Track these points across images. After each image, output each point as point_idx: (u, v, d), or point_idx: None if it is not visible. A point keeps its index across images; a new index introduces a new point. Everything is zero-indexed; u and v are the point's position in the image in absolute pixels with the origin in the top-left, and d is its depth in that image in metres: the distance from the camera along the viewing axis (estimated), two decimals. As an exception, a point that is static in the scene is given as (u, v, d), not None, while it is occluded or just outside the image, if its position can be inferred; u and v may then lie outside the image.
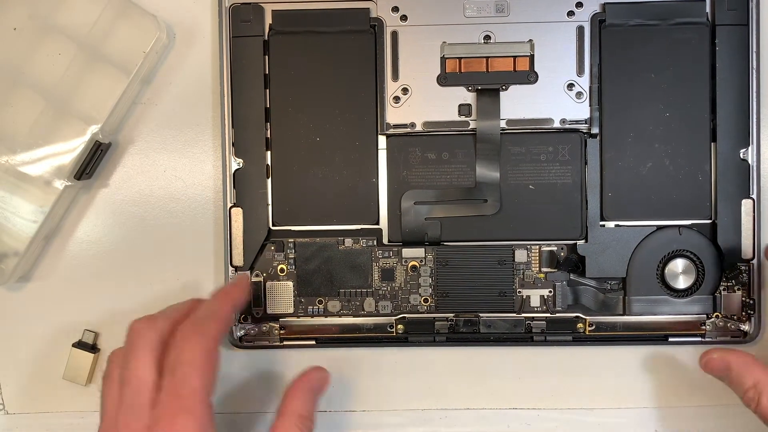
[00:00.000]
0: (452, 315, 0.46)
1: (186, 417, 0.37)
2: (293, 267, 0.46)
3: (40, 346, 0.48)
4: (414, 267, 0.46)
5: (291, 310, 0.47)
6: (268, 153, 0.46)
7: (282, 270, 0.46)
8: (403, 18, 0.46)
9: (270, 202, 0.46)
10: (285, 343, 0.47)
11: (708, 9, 0.45)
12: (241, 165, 0.46)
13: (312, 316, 0.47)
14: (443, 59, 0.46)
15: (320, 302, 0.46)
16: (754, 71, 0.45)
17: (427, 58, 0.46)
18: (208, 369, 0.38)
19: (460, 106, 0.46)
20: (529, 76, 0.45)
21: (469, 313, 0.46)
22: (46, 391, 0.48)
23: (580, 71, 0.45)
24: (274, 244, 0.46)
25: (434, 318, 0.46)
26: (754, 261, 0.45)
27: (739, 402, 0.44)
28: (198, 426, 0.37)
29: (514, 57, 0.45)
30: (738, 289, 0.45)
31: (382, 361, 0.48)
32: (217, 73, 0.46)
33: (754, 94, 0.45)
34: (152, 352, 0.39)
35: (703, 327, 0.46)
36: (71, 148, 0.45)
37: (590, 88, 0.45)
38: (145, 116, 0.47)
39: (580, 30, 0.45)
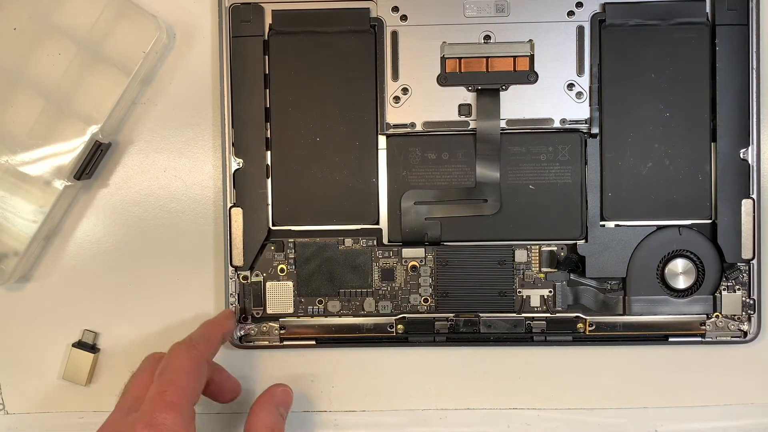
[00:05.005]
0: (452, 315, 0.46)
1: (168, 412, 0.37)
2: (293, 267, 0.46)
3: (40, 346, 0.48)
4: (414, 267, 0.46)
5: (291, 310, 0.46)
6: (268, 153, 0.46)
7: (282, 270, 0.46)
8: (403, 18, 0.46)
9: (270, 202, 0.46)
10: (285, 343, 0.47)
11: (708, 9, 0.45)
12: (241, 165, 0.46)
13: (312, 316, 0.47)
14: (443, 59, 0.45)
15: (320, 302, 0.46)
16: (754, 71, 0.45)
17: (427, 58, 0.46)
18: (195, 377, 0.39)
19: (460, 106, 0.46)
20: (529, 76, 0.45)
21: (469, 313, 0.46)
22: (46, 391, 0.48)
23: (580, 71, 0.45)
24: (274, 244, 0.46)
25: (434, 318, 0.46)
26: (754, 261, 0.45)
27: (739, 402, 0.44)
28: (180, 421, 0.37)
29: (514, 57, 0.45)
30: (738, 289, 0.46)
31: (382, 361, 0.48)
32: (217, 73, 0.46)
33: (754, 94, 0.45)
34: (149, 369, 0.41)
35: (703, 327, 0.46)
36: (71, 148, 0.45)
37: (590, 88, 0.45)
38: (145, 116, 0.47)
39: (580, 30, 0.45)
